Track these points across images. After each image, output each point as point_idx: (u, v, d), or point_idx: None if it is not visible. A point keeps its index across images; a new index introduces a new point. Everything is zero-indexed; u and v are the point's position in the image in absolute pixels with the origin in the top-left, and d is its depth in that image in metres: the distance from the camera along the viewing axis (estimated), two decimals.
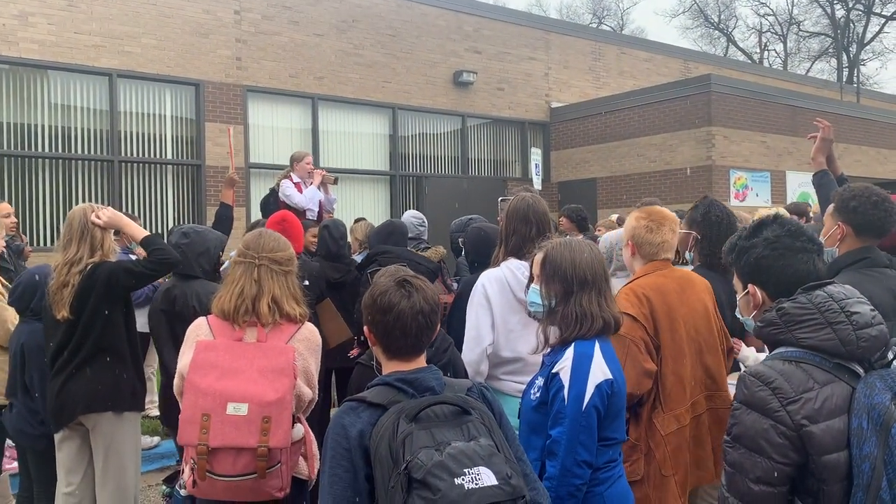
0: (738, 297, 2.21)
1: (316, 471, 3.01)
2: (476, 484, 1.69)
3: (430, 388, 1.95)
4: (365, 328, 2.09)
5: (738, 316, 2.26)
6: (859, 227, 3.12)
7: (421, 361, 2.05)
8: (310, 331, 2.93)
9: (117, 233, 3.89)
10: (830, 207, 3.35)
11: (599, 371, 2.45)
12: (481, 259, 4.29)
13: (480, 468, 1.71)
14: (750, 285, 2.13)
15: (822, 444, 1.77)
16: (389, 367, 2.04)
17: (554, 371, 2.49)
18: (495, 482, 1.71)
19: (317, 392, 2.94)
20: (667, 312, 3.11)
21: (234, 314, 2.78)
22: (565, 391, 2.43)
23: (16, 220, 7.01)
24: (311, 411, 2.98)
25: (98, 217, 3.67)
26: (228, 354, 2.68)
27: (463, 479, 1.68)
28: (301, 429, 2.88)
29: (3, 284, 4.62)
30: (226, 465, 2.58)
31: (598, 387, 2.42)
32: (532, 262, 2.77)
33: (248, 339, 2.78)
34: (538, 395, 2.54)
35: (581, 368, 2.45)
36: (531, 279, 2.74)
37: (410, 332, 1.99)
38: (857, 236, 3.15)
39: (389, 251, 4.91)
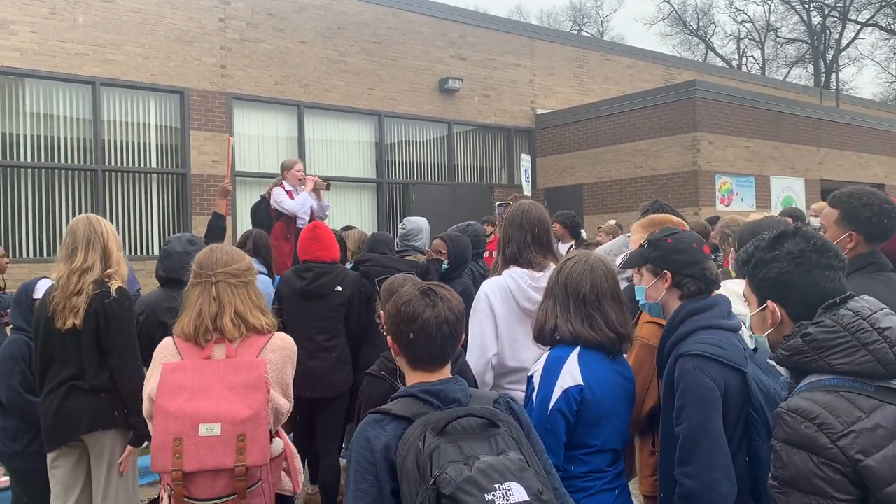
0: (752, 312, 2.06)
1: (300, 485, 2.96)
2: (507, 500, 1.64)
3: (455, 399, 1.90)
4: (388, 338, 2.04)
5: (748, 332, 2.12)
6: (871, 236, 3.08)
7: (445, 372, 2.00)
8: (282, 339, 2.84)
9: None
10: (833, 214, 3.28)
11: (569, 376, 2.42)
12: (437, 265, 4.72)
13: (511, 483, 1.67)
14: (769, 302, 1.98)
15: (881, 476, 1.66)
16: (413, 378, 1.99)
17: (530, 374, 2.51)
18: (526, 498, 1.66)
19: (292, 401, 2.85)
20: None
21: (195, 335, 2.69)
22: (534, 394, 2.44)
23: None
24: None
25: None
26: (196, 374, 2.59)
27: (493, 495, 1.64)
28: (280, 443, 2.80)
29: None
30: (204, 489, 2.49)
31: (566, 391, 2.40)
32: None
33: (217, 356, 2.68)
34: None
35: (551, 372, 2.45)
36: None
37: (435, 342, 1.94)
38: (867, 243, 3.11)
39: (371, 258, 4.93)
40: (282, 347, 2.80)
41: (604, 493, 2.42)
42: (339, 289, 4.61)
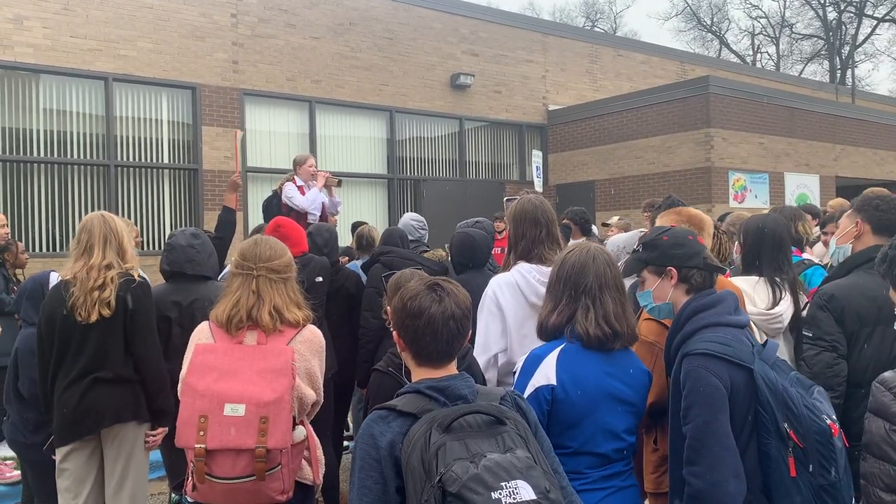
0: None
1: (321, 476, 2.96)
2: (514, 498, 1.61)
3: (462, 396, 1.88)
4: (394, 333, 2.02)
5: None
6: (878, 227, 3.11)
7: (452, 368, 1.97)
8: (312, 332, 2.90)
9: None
10: (848, 206, 3.34)
11: (543, 375, 2.39)
12: (465, 261, 4.47)
13: (518, 482, 1.64)
14: None
15: None
16: (419, 374, 1.97)
17: (514, 370, 2.51)
18: (534, 496, 1.63)
19: (321, 395, 2.89)
20: None
21: (227, 324, 2.77)
22: None
23: (8, 230, 6.92)
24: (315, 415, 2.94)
25: None
26: (227, 357, 2.67)
27: (500, 494, 1.60)
28: (303, 431, 2.84)
29: None
30: (224, 468, 2.55)
31: (537, 390, 2.37)
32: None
33: (248, 342, 2.76)
34: None
35: (527, 370, 2.43)
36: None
37: (441, 337, 1.91)
38: (873, 234, 3.13)
39: (392, 251, 4.86)
40: (310, 340, 2.87)
41: (584, 494, 2.30)
42: (320, 279, 4.58)
